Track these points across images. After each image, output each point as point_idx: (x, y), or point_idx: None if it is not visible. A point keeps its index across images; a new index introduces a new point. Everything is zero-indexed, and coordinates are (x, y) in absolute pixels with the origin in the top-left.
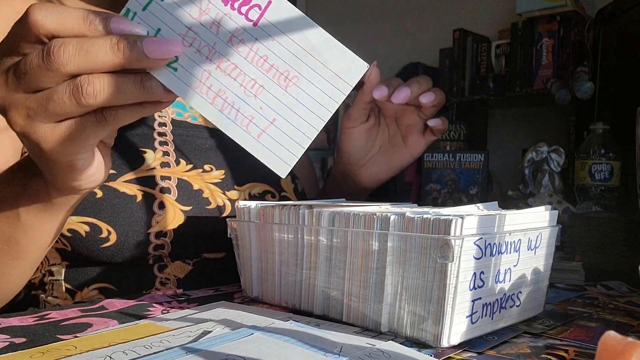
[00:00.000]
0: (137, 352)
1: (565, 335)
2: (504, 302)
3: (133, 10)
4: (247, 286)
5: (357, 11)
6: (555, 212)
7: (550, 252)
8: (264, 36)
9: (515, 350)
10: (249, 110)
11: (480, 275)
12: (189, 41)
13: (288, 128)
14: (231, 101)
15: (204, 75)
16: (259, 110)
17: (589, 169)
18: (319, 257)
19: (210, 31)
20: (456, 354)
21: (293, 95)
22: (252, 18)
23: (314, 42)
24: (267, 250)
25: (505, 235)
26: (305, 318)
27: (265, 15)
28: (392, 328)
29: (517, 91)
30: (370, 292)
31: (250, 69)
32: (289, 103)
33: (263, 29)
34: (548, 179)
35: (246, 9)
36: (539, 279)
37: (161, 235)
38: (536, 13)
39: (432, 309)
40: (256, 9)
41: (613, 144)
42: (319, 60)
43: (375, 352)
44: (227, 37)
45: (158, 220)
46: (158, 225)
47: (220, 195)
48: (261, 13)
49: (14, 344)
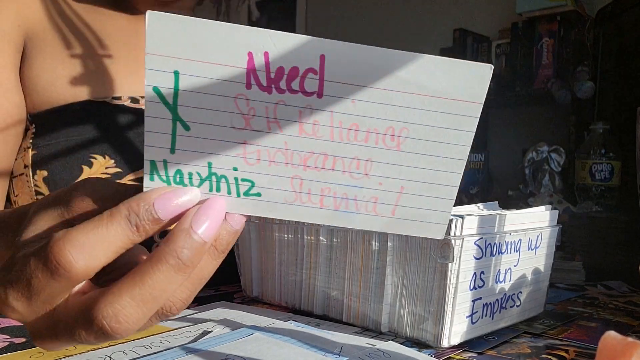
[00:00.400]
0: (137, 352)
1: (565, 335)
2: (504, 302)
3: (157, 159)
4: (247, 286)
5: (357, 11)
6: (556, 212)
7: (550, 252)
8: (339, 102)
9: (515, 350)
10: (368, 193)
11: (481, 275)
12: (254, 157)
13: (422, 188)
14: (342, 194)
15: (295, 183)
16: (380, 187)
17: (590, 169)
18: (319, 257)
19: (271, 133)
20: (456, 354)
21: (410, 150)
22: (312, 89)
23: (405, 75)
24: (267, 250)
25: (505, 235)
26: (305, 318)
27: (327, 76)
28: (393, 328)
29: (517, 91)
30: (370, 292)
31: (343, 148)
32: (410, 161)
33: (333, 95)
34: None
35: (299, 83)
36: (539, 279)
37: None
38: (536, 13)
39: (433, 309)
40: (311, 75)
41: (613, 144)
42: (422, 93)
43: (376, 352)
44: (296, 129)
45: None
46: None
47: None
48: (320, 77)
49: (13, 344)
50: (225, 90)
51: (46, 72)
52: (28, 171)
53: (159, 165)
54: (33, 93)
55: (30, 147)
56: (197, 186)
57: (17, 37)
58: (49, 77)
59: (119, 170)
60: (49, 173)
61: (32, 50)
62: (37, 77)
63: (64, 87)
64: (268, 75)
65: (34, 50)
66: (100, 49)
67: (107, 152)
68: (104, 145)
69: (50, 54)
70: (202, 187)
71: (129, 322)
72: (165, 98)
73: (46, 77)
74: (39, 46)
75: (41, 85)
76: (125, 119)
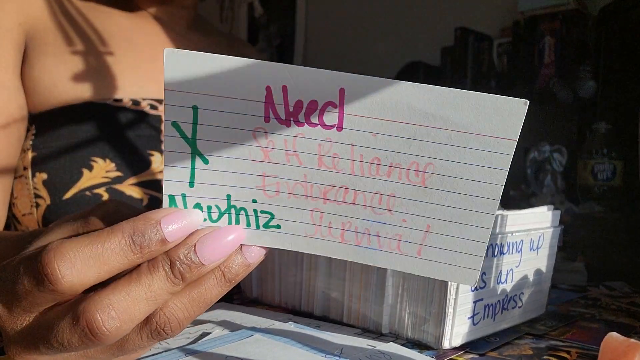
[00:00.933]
0: None
1: (567, 336)
2: (505, 303)
3: (176, 194)
4: (246, 287)
5: (357, 10)
6: (558, 212)
7: (552, 252)
8: (359, 135)
9: (517, 351)
10: (392, 230)
11: (482, 276)
12: (273, 189)
13: (451, 228)
14: (364, 229)
15: (315, 216)
16: (404, 224)
17: (592, 169)
18: (319, 258)
19: (290, 165)
20: (458, 356)
21: (437, 187)
22: (332, 122)
23: (430, 109)
24: None
25: (507, 236)
26: (305, 319)
27: (347, 110)
28: (393, 329)
29: (518, 90)
30: (371, 293)
31: (365, 182)
32: (437, 199)
33: (353, 128)
34: (550, 178)
35: (318, 116)
36: (541, 280)
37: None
38: (538, 11)
39: (434, 310)
40: (330, 108)
41: (616, 144)
42: (449, 128)
43: (376, 353)
44: (315, 161)
45: None
46: None
47: None
48: (339, 110)
49: None
50: (243, 123)
51: (47, 72)
52: (27, 173)
53: (178, 200)
54: (34, 93)
55: (30, 149)
56: (216, 220)
57: (19, 35)
58: (51, 77)
59: (119, 174)
60: (49, 175)
61: (34, 49)
62: (39, 77)
63: (65, 87)
64: (287, 108)
65: (35, 49)
66: (102, 48)
67: (108, 155)
68: (105, 148)
69: (52, 54)
70: (221, 221)
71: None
72: (184, 132)
73: (47, 77)
74: (40, 45)
75: (42, 85)
76: (127, 121)
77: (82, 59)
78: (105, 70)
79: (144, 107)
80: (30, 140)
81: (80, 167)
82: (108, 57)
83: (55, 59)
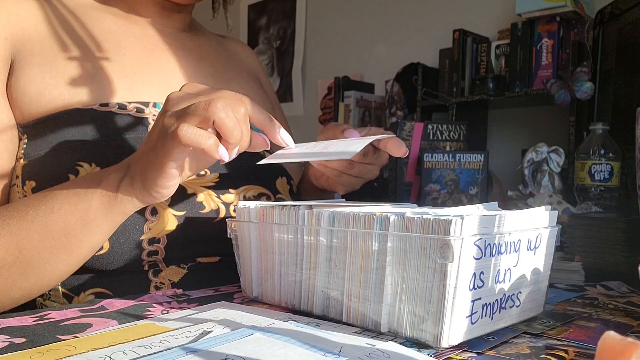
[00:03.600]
0: (137, 352)
1: (565, 335)
2: (503, 302)
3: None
4: (246, 286)
5: (357, 11)
6: (555, 212)
7: (550, 252)
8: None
9: (515, 350)
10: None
11: (480, 276)
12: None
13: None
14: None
15: None
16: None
17: (589, 169)
18: (319, 258)
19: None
20: (456, 354)
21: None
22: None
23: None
24: (266, 251)
25: (505, 236)
26: (305, 318)
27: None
28: (392, 328)
29: (516, 91)
30: (370, 292)
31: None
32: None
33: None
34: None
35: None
36: (539, 279)
37: (154, 242)
38: (536, 13)
39: (432, 309)
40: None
41: (613, 144)
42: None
43: (375, 352)
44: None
45: (150, 226)
46: (151, 232)
47: (214, 199)
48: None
49: (13, 344)
50: None
51: (34, 83)
52: (18, 181)
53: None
54: (22, 104)
55: (22, 157)
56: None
57: (5, 50)
58: (37, 87)
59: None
60: (37, 183)
61: (20, 61)
62: (25, 87)
63: (52, 95)
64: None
65: (22, 61)
66: (89, 54)
67: (94, 159)
68: (91, 153)
69: (37, 64)
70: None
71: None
72: None
73: (34, 87)
74: (27, 57)
75: (29, 95)
76: (113, 125)
77: (68, 67)
78: (92, 76)
79: (130, 110)
80: (22, 149)
81: (66, 173)
82: (95, 63)
83: (41, 69)
